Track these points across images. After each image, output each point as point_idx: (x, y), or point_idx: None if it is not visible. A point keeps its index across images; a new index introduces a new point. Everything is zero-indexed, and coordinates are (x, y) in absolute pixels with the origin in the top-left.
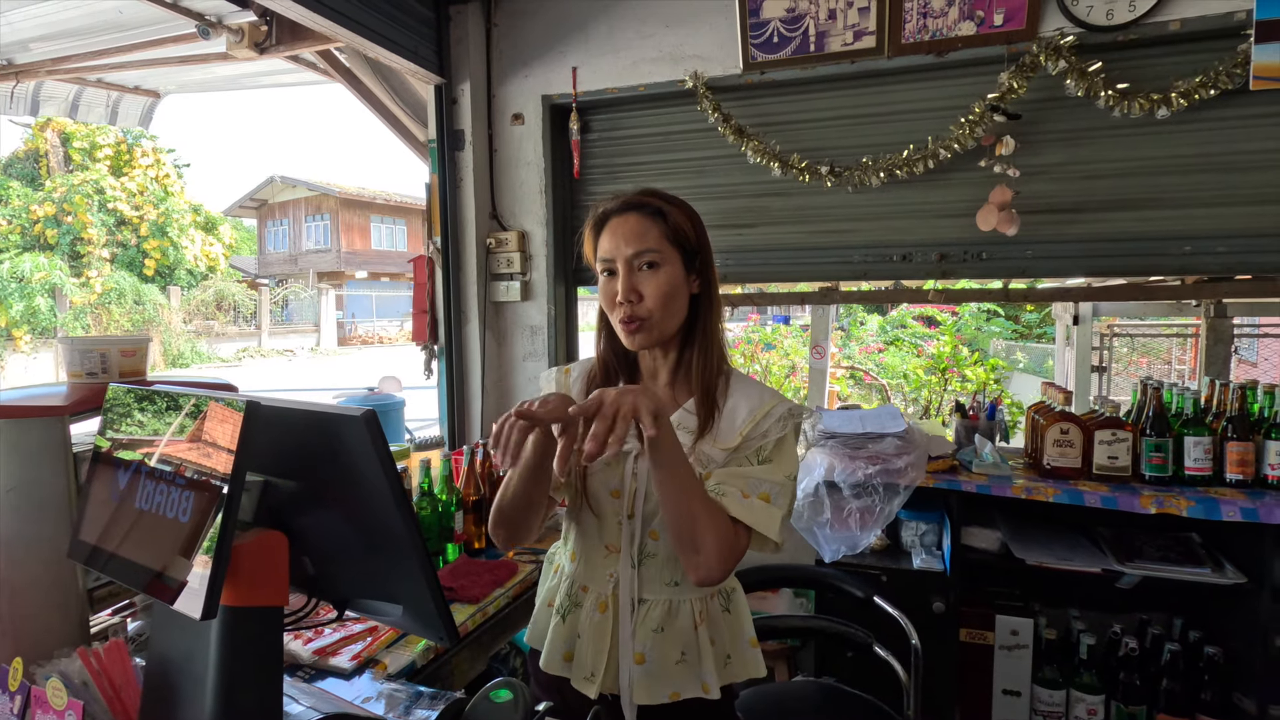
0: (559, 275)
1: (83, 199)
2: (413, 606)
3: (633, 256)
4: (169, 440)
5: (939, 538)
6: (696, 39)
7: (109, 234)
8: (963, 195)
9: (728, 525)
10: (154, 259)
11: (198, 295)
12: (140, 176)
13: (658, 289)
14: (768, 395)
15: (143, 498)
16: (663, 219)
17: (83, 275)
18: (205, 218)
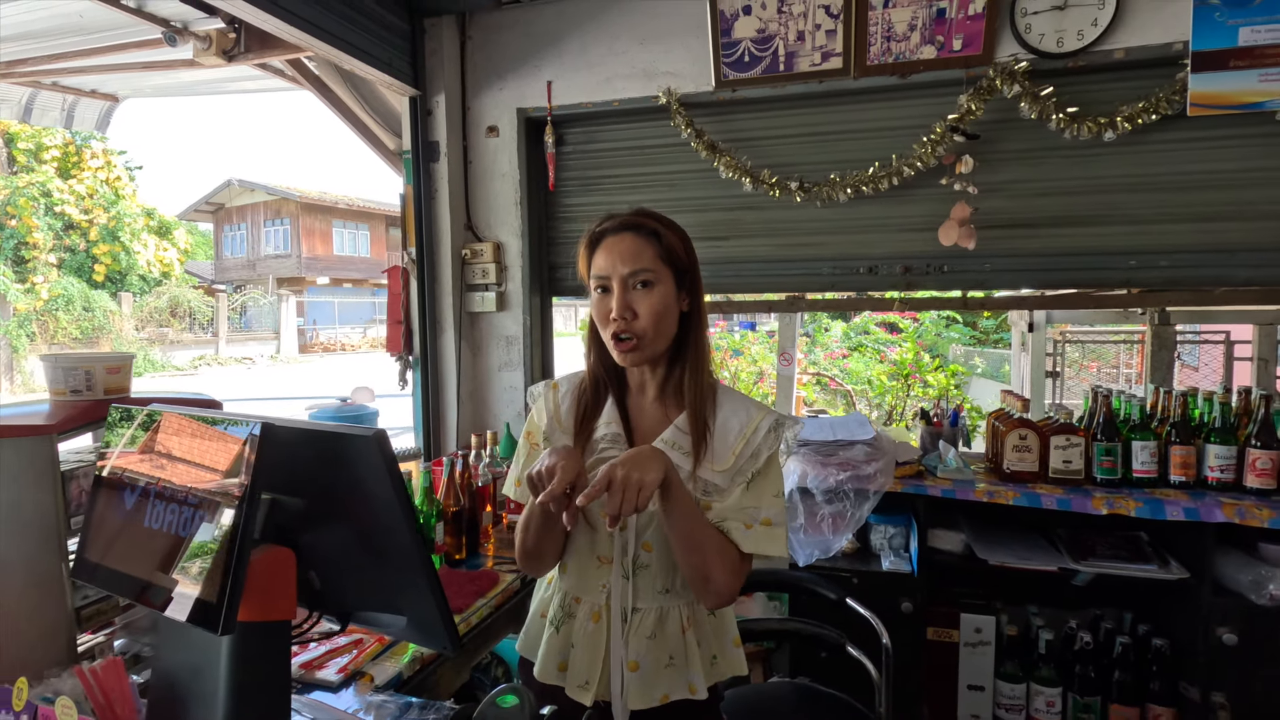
0: (534, 286)
1: (28, 202)
2: (417, 617)
3: (628, 275)
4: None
5: (906, 540)
6: (669, 56)
7: (56, 238)
8: (925, 211)
9: (735, 556)
10: (104, 264)
11: (151, 302)
12: (90, 179)
13: (651, 308)
14: (754, 410)
15: (152, 516)
16: (657, 240)
17: (28, 281)
18: (159, 222)
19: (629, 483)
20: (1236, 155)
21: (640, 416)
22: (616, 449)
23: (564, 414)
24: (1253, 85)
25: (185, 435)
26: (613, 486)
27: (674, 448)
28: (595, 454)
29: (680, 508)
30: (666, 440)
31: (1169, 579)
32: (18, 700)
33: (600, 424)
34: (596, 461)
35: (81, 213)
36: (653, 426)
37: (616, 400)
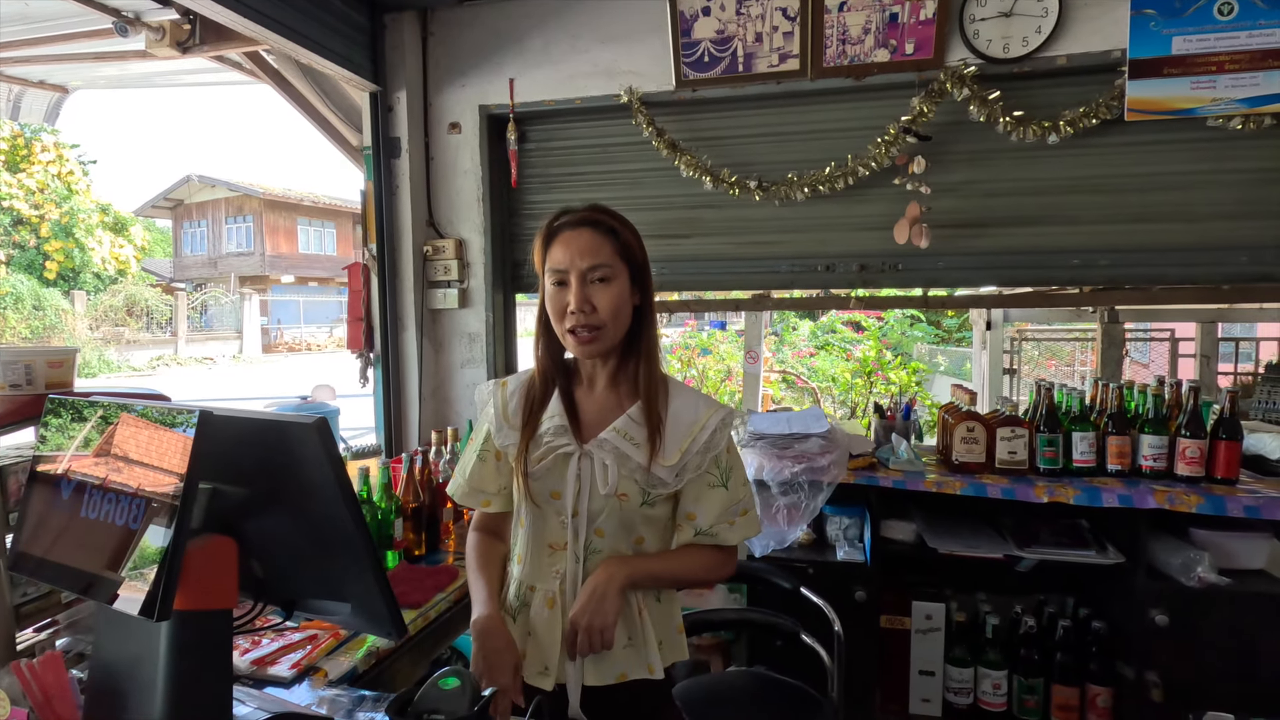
0: (497, 283)
1: None
2: (361, 604)
3: (587, 270)
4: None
5: (860, 531)
6: (631, 56)
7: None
8: (880, 210)
9: (723, 554)
10: (56, 261)
11: (106, 300)
12: (40, 173)
13: (609, 301)
14: (702, 406)
15: (89, 507)
16: (614, 236)
17: None
18: (114, 218)
19: (592, 632)
20: (1170, 159)
21: (589, 406)
22: (562, 440)
23: (511, 411)
24: (1185, 92)
25: (124, 426)
26: (579, 638)
27: (626, 437)
28: (542, 445)
29: (654, 582)
30: (619, 429)
31: (1107, 564)
32: None
33: (545, 416)
34: (546, 450)
35: (31, 208)
36: (601, 415)
37: (563, 392)
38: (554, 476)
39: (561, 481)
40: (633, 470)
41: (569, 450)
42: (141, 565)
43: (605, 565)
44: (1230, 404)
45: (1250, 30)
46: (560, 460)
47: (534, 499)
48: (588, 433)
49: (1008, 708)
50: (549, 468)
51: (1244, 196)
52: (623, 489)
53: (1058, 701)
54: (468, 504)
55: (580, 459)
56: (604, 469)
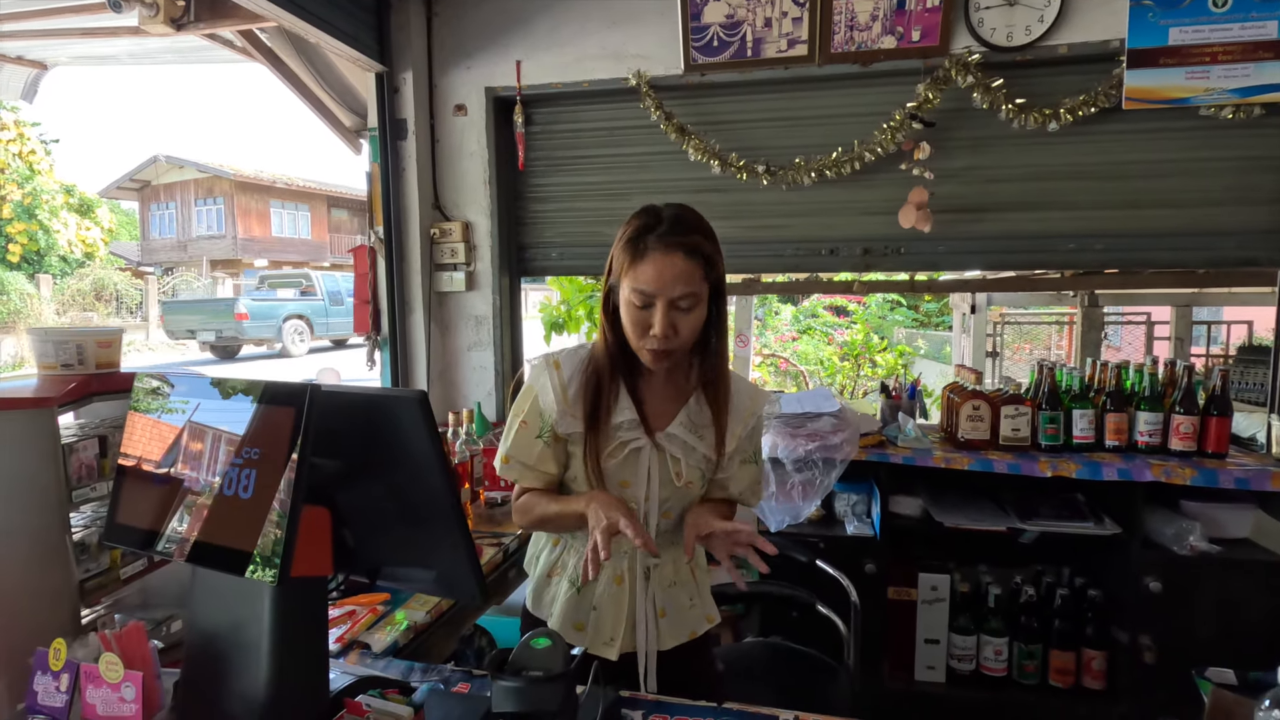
0: (504, 266)
1: None
2: (447, 570)
3: (677, 298)
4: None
5: (869, 506)
6: (639, 39)
7: None
8: (885, 195)
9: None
10: (19, 244)
11: (73, 284)
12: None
13: (693, 326)
14: (751, 393)
15: (191, 480)
16: (706, 263)
17: None
18: (80, 199)
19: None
20: (1164, 147)
21: (651, 396)
22: (634, 434)
23: (572, 397)
24: (1180, 81)
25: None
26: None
27: (693, 431)
28: (615, 441)
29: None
30: (683, 422)
31: (1103, 534)
32: (56, 661)
33: (617, 410)
34: (619, 446)
35: None
36: (665, 406)
37: (629, 385)
38: (625, 469)
39: (633, 473)
40: (698, 461)
41: (640, 444)
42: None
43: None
44: (1222, 382)
45: (1243, 22)
46: (632, 454)
47: (605, 483)
48: (654, 424)
49: (1008, 673)
50: (621, 461)
51: (1233, 183)
52: (689, 478)
53: (1055, 665)
54: (526, 483)
55: (652, 452)
56: (674, 461)
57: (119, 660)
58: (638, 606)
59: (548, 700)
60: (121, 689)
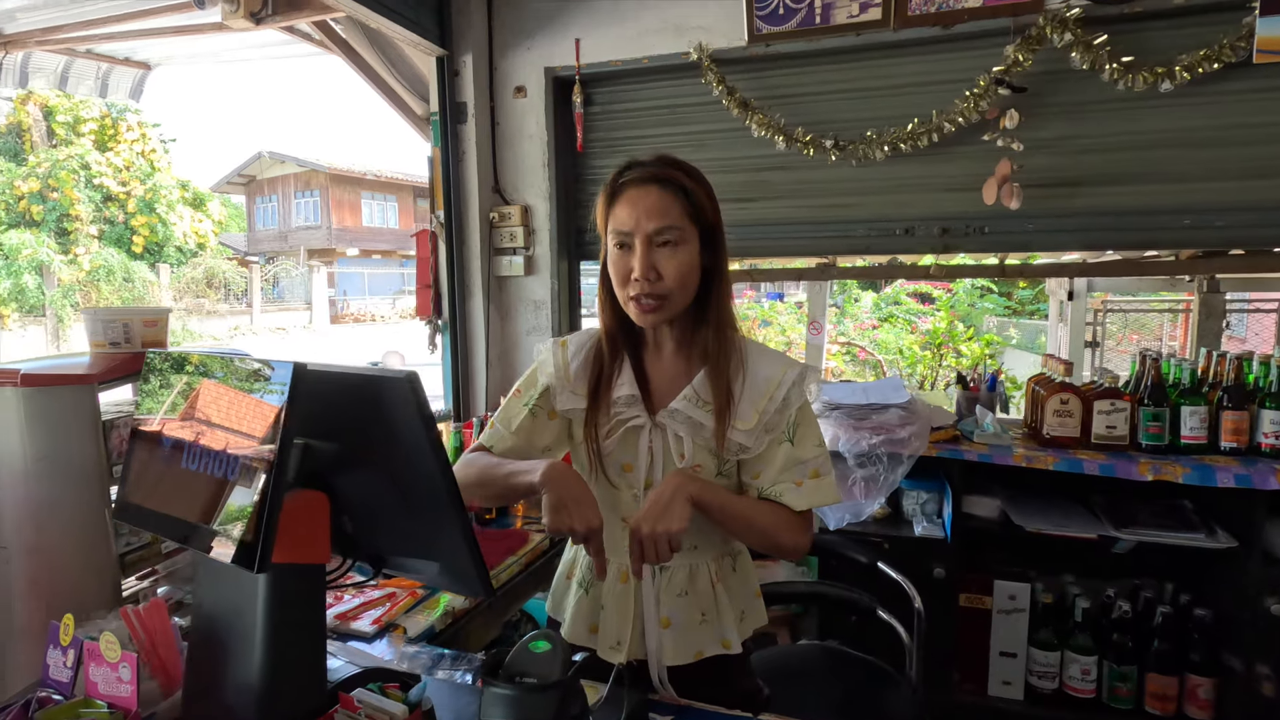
0: (562, 249)
1: (69, 174)
2: (449, 563)
3: (654, 233)
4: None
5: (940, 506)
6: (701, 11)
7: (96, 210)
8: (966, 169)
9: (794, 517)
10: (142, 236)
11: (188, 273)
12: (126, 151)
13: (678, 268)
14: (777, 364)
15: (190, 459)
16: (685, 196)
17: (70, 252)
18: (193, 194)
19: (657, 537)
20: None
21: (658, 374)
22: (633, 411)
23: (574, 373)
24: None
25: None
26: (643, 543)
27: (696, 404)
28: (614, 419)
29: (721, 514)
30: (688, 397)
31: (1215, 548)
32: (64, 635)
33: (617, 385)
34: (616, 424)
35: (119, 185)
36: (671, 383)
37: (632, 359)
38: (625, 449)
39: (633, 454)
40: (707, 439)
41: (640, 423)
42: (238, 517)
43: (674, 474)
44: None
45: None
46: (631, 433)
47: (607, 474)
48: (658, 402)
49: (1097, 694)
50: (620, 440)
51: None
52: (697, 459)
53: (1153, 690)
54: (494, 447)
55: (652, 431)
56: (677, 440)
57: (116, 640)
58: (647, 609)
59: (539, 710)
60: (119, 668)
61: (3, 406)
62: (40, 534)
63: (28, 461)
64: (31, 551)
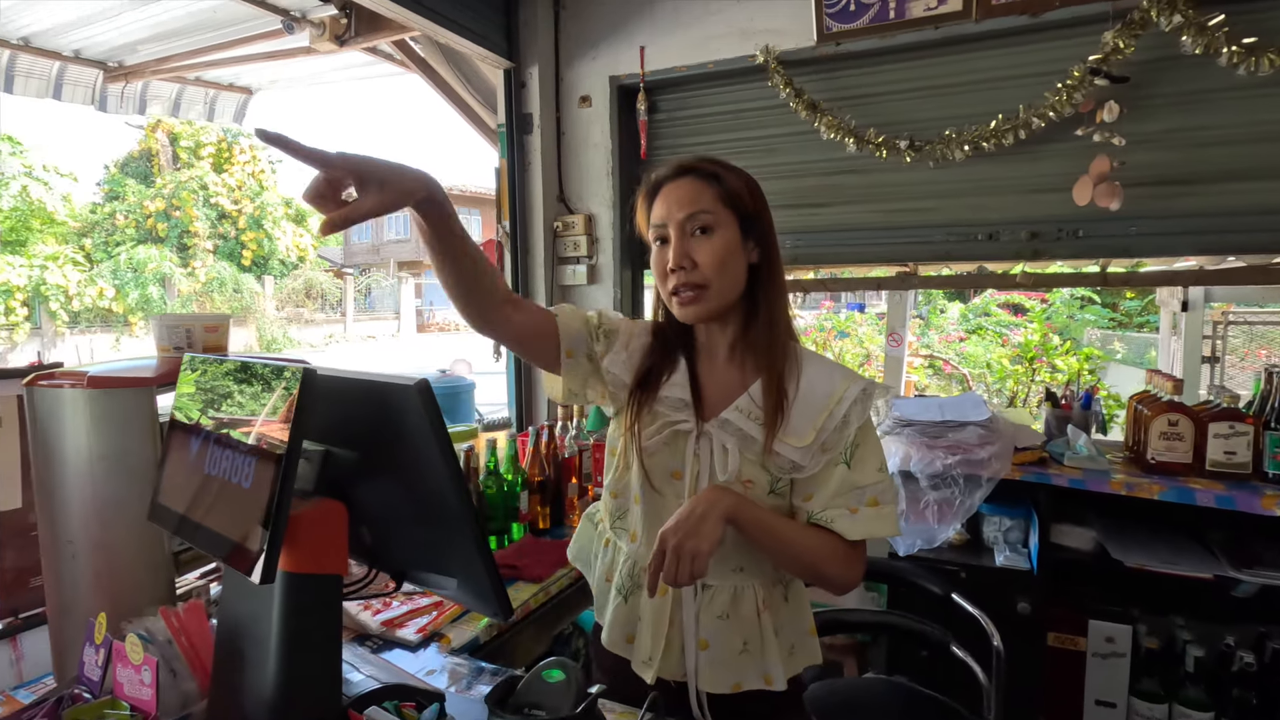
0: (625, 258)
1: (189, 194)
2: (467, 581)
3: (685, 220)
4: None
5: (1024, 534)
6: (767, 12)
7: (212, 227)
8: (1057, 168)
9: (843, 547)
10: (251, 250)
11: (289, 284)
12: (238, 172)
13: (712, 254)
14: (838, 376)
15: (211, 463)
16: (717, 181)
17: (189, 265)
18: (296, 210)
19: (681, 554)
20: None
21: (710, 381)
22: (681, 415)
23: (632, 349)
24: None
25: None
26: (666, 557)
27: (749, 416)
28: (660, 418)
29: (759, 535)
30: (741, 409)
31: None
32: (98, 633)
33: (668, 385)
34: (662, 425)
35: (232, 203)
36: (724, 392)
37: (687, 361)
38: (671, 454)
39: (680, 461)
40: (758, 454)
41: (686, 428)
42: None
43: (711, 489)
44: None
45: None
46: (677, 437)
47: (651, 481)
48: (709, 409)
49: None
50: (665, 443)
51: None
52: (747, 474)
53: None
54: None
55: (699, 439)
56: (723, 452)
57: (139, 643)
58: (685, 628)
59: None
60: (141, 671)
61: (71, 407)
62: (104, 531)
63: (92, 461)
64: (97, 547)
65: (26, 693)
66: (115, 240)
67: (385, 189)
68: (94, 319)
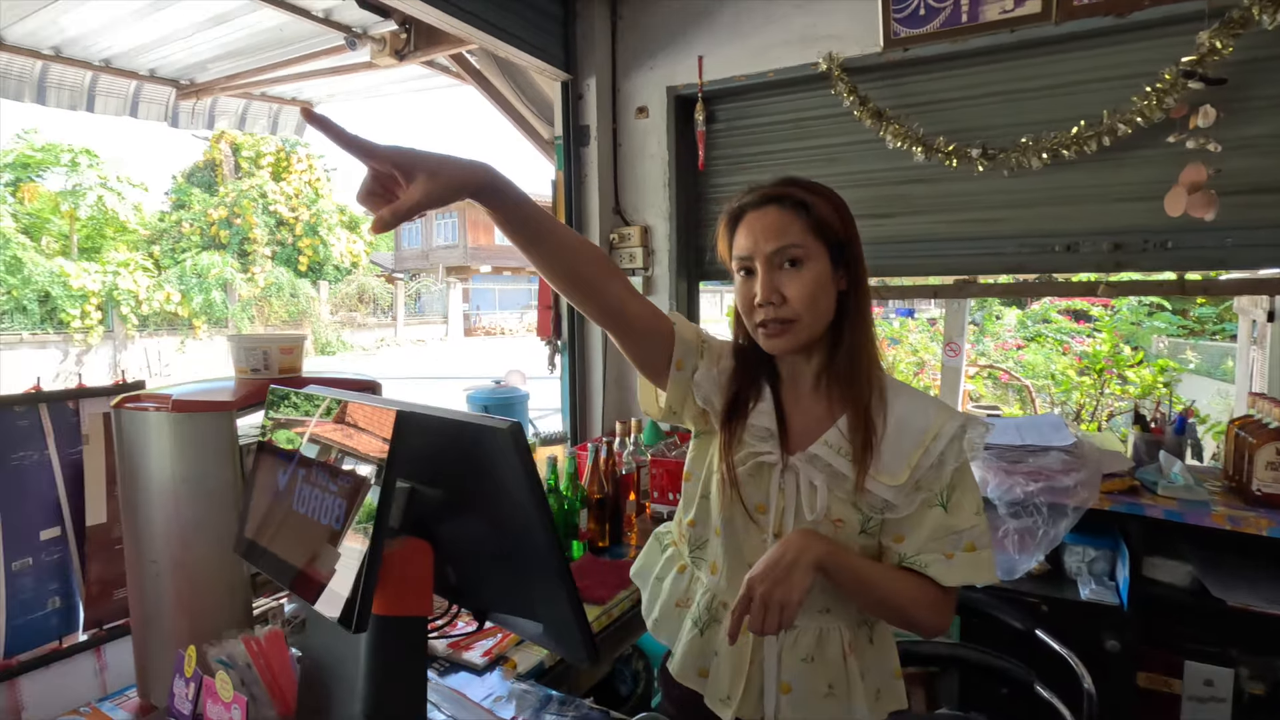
0: (681, 270)
1: (249, 203)
2: (553, 625)
3: (773, 254)
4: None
5: (1112, 567)
6: (830, 18)
7: (270, 234)
8: (1145, 176)
9: (936, 593)
10: (307, 256)
11: (343, 289)
12: (296, 181)
13: (802, 288)
14: (933, 411)
15: (299, 500)
16: (806, 211)
17: (249, 271)
18: (349, 217)
19: (770, 603)
20: None
21: (795, 411)
22: (765, 447)
23: (720, 369)
24: None
25: (332, 420)
26: (752, 605)
27: (839, 452)
28: (744, 447)
29: (850, 583)
30: (830, 444)
31: None
32: (188, 667)
33: (755, 412)
34: (747, 455)
35: (289, 210)
36: (810, 424)
37: (772, 390)
38: (756, 487)
39: (765, 495)
40: (849, 492)
41: (771, 460)
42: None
43: (800, 534)
44: None
45: None
46: (761, 469)
47: (747, 510)
48: (794, 443)
49: None
50: (750, 474)
51: None
52: (837, 513)
53: None
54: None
55: (784, 472)
56: (810, 490)
57: (229, 681)
58: (767, 669)
59: None
60: (230, 709)
61: (157, 430)
62: (185, 551)
63: (176, 482)
64: (178, 567)
65: (111, 705)
66: (181, 247)
67: (435, 178)
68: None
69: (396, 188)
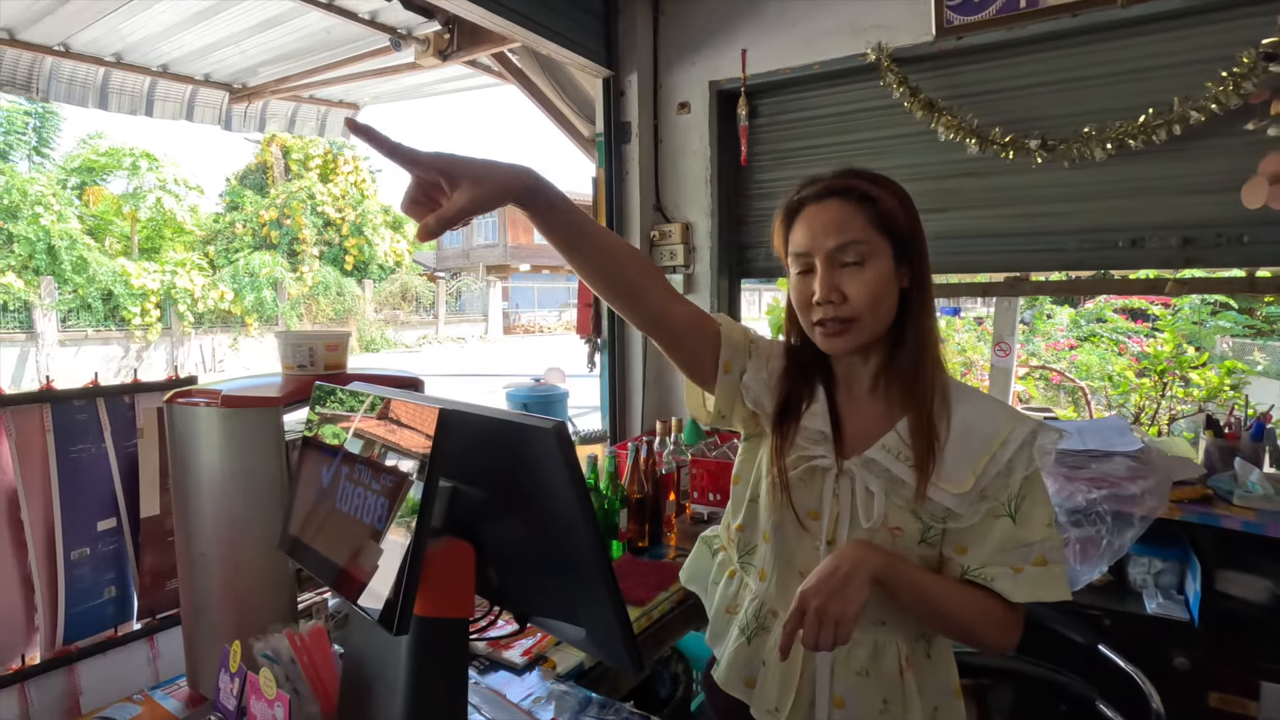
0: (723, 267)
1: (299, 204)
2: (596, 631)
3: (834, 250)
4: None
5: (1180, 580)
6: (880, 6)
7: (318, 234)
8: (1219, 166)
9: (1002, 609)
10: (352, 255)
11: (386, 287)
12: (342, 182)
13: (865, 287)
14: (1002, 416)
15: (342, 499)
16: (870, 204)
17: (298, 270)
18: (393, 217)
19: (825, 617)
20: None
21: (850, 414)
22: (819, 450)
23: (771, 370)
24: None
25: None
26: (806, 620)
27: (898, 457)
28: (796, 450)
29: (909, 597)
30: (888, 447)
31: None
32: (233, 662)
33: (808, 414)
34: (799, 459)
35: (336, 211)
36: (866, 427)
37: (826, 392)
38: (809, 492)
39: (817, 500)
40: (908, 499)
41: (825, 464)
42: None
43: (856, 545)
44: None
45: None
46: (814, 474)
47: (798, 515)
48: (849, 446)
49: None
50: (801, 478)
51: None
52: (895, 521)
53: None
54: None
55: (838, 477)
56: (867, 496)
57: (273, 679)
58: (819, 682)
59: None
60: (274, 706)
61: (207, 424)
62: (232, 547)
63: (225, 477)
64: (225, 561)
65: (162, 693)
66: (234, 247)
67: (479, 184)
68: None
69: (440, 195)
